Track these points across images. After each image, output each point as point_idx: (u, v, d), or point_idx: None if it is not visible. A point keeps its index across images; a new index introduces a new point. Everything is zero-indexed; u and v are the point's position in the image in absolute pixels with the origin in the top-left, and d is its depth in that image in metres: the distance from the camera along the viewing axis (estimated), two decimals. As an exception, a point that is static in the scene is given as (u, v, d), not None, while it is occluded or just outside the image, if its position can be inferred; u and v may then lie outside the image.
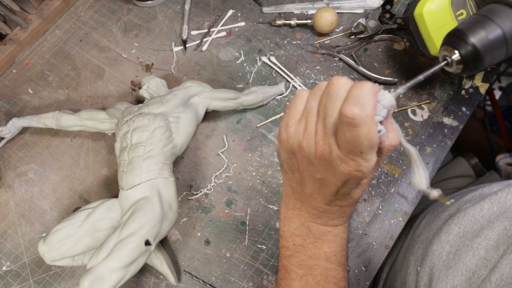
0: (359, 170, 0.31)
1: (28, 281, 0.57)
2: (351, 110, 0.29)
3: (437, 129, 0.63)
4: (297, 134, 0.34)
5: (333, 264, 0.40)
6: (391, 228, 0.57)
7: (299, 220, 0.40)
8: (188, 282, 0.56)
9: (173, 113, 0.56)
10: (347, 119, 0.29)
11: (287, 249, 0.41)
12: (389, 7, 0.67)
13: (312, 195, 0.37)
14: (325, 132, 0.32)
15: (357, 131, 0.29)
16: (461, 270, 0.47)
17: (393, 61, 0.67)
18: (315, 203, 0.38)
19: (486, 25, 0.45)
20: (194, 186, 0.61)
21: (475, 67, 0.46)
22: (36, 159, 0.64)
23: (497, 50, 0.46)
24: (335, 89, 0.31)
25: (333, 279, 0.39)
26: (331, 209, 0.38)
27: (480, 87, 0.65)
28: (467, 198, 0.58)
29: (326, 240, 0.39)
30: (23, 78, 0.69)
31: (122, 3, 0.74)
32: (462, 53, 0.45)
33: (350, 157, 0.31)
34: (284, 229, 0.42)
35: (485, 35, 0.45)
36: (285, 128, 0.35)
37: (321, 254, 0.39)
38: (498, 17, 0.45)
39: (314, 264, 0.39)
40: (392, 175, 0.60)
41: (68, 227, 0.50)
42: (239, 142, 0.63)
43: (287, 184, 0.40)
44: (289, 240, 0.41)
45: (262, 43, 0.69)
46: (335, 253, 0.40)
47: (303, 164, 0.36)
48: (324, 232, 0.39)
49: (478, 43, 0.44)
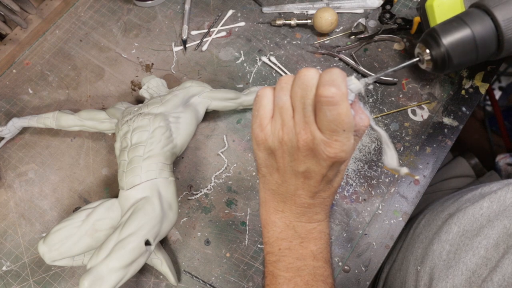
0: (343, 150, 0.33)
1: (28, 281, 0.57)
2: (329, 90, 0.31)
3: (437, 129, 0.63)
4: (276, 131, 0.35)
5: (320, 262, 0.40)
6: (391, 228, 0.57)
7: (283, 223, 0.40)
8: (188, 282, 0.56)
9: (173, 113, 0.56)
10: (326, 99, 0.31)
11: (272, 254, 0.41)
12: (389, 7, 0.67)
13: (296, 192, 0.38)
14: (305, 121, 0.33)
15: (337, 109, 0.31)
16: (461, 270, 0.47)
17: (393, 61, 0.67)
18: (299, 199, 0.38)
19: (460, 28, 0.46)
20: (194, 186, 0.61)
21: (443, 68, 0.48)
22: (36, 159, 0.64)
23: (467, 54, 0.47)
24: (308, 79, 0.33)
25: (321, 277, 0.39)
26: (315, 202, 0.38)
27: (480, 87, 0.65)
28: (467, 197, 0.58)
29: (312, 238, 0.40)
30: (23, 78, 0.69)
31: (122, 3, 0.74)
32: (433, 54, 0.47)
33: (334, 138, 0.32)
34: (268, 235, 0.41)
35: (457, 39, 0.46)
36: (260, 129, 0.36)
37: (308, 253, 0.40)
38: (472, 22, 0.46)
39: (301, 265, 0.39)
40: (392, 175, 0.60)
41: (68, 227, 0.50)
42: (239, 142, 0.63)
43: (266, 188, 0.40)
44: (274, 245, 0.41)
45: (262, 43, 0.69)
46: (321, 250, 0.40)
47: (284, 161, 0.36)
48: (309, 230, 0.40)
49: (448, 46, 0.46)
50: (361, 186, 0.60)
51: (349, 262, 0.56)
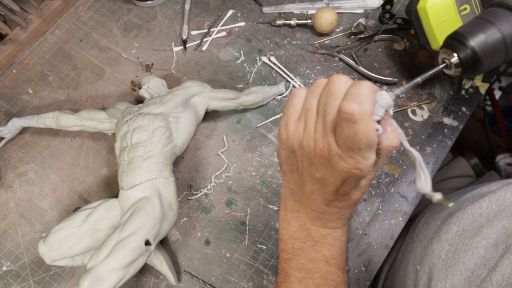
0: (358, 168, 0.32)
1: (28, 281, 0.57)
2: (349, 106, 0.29)
3: (437, 129, 0.63)
4: (297, 133, 0.35)
5: (333, 268, 0.40)
6: (391, 228, 0.57)
7: (298, 223, 0.40)
8: (188, 282, 0.56)
9: (173, 113, 0.56)
10: (345, 115, 0.29)
11: (286, 252, 0.41)
12: (389, 7, 0.67)
13: (312, 196, 0.37)
14: (324, 129, 0.32)
15: (355, 127, 0.29)
16: (460, 269, 0.47)
17: (393, 61, 0.67)
18: (314, 204, 0.38)
19: (486, 29, 0.45)
20: (194, 186, 0.61)
21: (474, 71, 0.46)
22: (36, 159, 0.64)
23: (497, 54, 0.46)
24: (335, 87, 0.32)
25: (332, 282, 0.39)
26: (330, 211, 0.38)
27: (480, 87, 0.65)
28: (466, 197, 0.58)
29: (325, 243, 0.39)
30: (23, 78, 0.69)
31: (122, 3, 0.74)
32: (461, 57, 0.45)
33: (348, 154, 0.31)
34: (283, 232, 0.41)
35: (485, 39, 0.44)
36: (284, 127, 0.35)
37: (321, 257, 0.39)
38: (499, 21, 0.45)
39: (313, 268, 0.39)
40: (392, 175, 0.60)
41: (68, 227, 0.50)
42: (239, 142, 0.63)
43: (286, 185, 0.40)
44: (288, 243, 0.41)
45: (262, 43, 0.69)
46: (334, 256, 0.40)
47: (303, 164, 0.36)
48: (323, 235, 0.39)
49: (477, 47, 0.44)
50: (361, 186, 0.60)
51: (349, 262, 0.56)
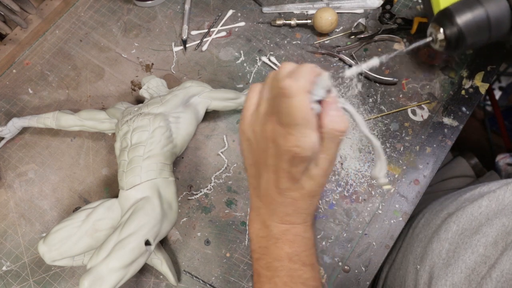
0: (298, 146, 0.32)
1: (28, 281, 0.57)
2: (286, 82, 0.31)
3: (437, 129, 0.63)
4: (252, 122, 0.36)
5: (297, 265, 0.39)
6: (391, 228, 0.57)
7: (260, 221, 0.40)
8: (188, 282, 0.56)
9: (173, 113, 0.56)
10: (282, 90, 0.31)
11: (255, 252, 0.41)
12: (389, 7, 0.67)
13: (267, 188, 0.38)
14: (272, 111, 0.34)
15: (291, 101, 0.31)
16: (460, 268, 0.48)
17: (393, 61, 0.67)
18: (269, 196, 0.38)
19: (474, 7, 0.47)
20: (194, 186, 0.61)
21: (456, 47, 0.48)
22: (36, 159, 0.64)
23: (480, 34, 0.48)
24: (281, 72, 0.33)
25: (299, 279, 0.39)
26: (285, 201, 0.37)
27: (480, 87, 0.65)
28: (466, 196, 0.58)
29: (286, 240, 0.39)
30: (23, 78, 0.69)
31: (122, 3, 0.74)
32: (447, 33, 0.48)
33: (288, 131, 0.32)
34: (250, 231, 0.42)
35: (471, 17, 0.46)
36: (243, 119, 0.38)
37: (284, 255, 0.39)
38: (487, 1, 0.46)
39: (279, 266, 0.39)
40: (392, 175, 0.60)
41: (68, 227, 0.50)
42: (239, 142, 0.63)
43: (249, 182, 0.41)
44: (255, 242, 0.41)
45: (262, 43, 0.69)
46: (297, 253, 0.39)
47: (259, 153, 0.37)
48: (283, 231, 0.39)
49: (463, 25, 0.47)
50: (361, 186, 0.60)
51: (349, 262, 0.56)
